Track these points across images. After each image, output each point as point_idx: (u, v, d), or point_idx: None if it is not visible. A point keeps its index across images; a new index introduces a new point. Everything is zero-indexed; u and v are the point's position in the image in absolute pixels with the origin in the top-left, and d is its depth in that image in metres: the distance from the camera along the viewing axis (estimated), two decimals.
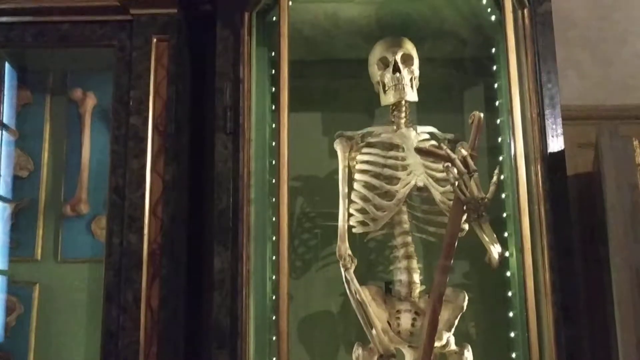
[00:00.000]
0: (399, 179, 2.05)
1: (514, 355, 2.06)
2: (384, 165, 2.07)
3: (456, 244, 1.91)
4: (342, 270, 2.01)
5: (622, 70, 2.69)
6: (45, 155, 2.52)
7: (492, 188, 1.90)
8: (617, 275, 1.83)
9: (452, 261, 1.89)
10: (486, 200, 1.87)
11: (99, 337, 2.08)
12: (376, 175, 2.07)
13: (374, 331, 1.96)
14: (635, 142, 1.85)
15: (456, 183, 1.89)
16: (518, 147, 2.01)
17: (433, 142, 2.12)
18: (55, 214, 2.47)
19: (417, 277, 2.06)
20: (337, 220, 2.08)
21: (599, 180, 2.15)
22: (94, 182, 2.46)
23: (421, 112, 2.28)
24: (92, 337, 2.30)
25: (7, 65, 2.50)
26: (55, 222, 2.47)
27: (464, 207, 1.90)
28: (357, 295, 1.98)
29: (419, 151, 1.94)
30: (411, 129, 2.14)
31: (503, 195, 2.14)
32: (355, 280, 1.98)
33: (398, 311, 2.04)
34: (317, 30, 2.30)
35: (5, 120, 2.48)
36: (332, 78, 2.47)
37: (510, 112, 1.97)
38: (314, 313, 2.35)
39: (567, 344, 1.92)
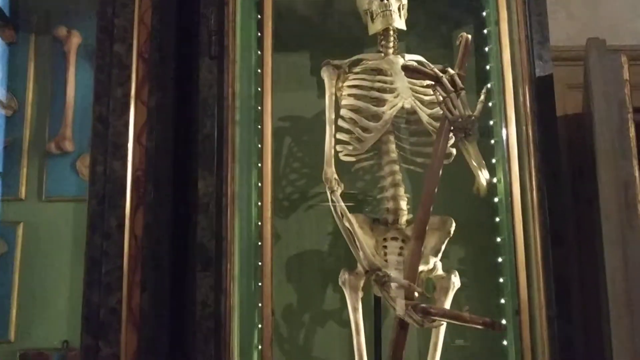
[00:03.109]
0: (386, 100, 2.02)
1: (501, 280, 2.05)
2: (371, 88, 2.05)
3: (442, 165, 1.90)
4: (329, 193, 1.99)
5: (611, 11, 2.68)
6: (30, 94, 2.48)
7: (479, 106, 1.88)
8: (604, 191, 1.81)
9: (439, 180, 1.87)
10: (473, 117, 1.86)
11: (83, 273, 2.05)
12: (363, 98, 2.05)
13: (361, 254, 1.94)
14: (624, 58, 1.83)
15: (443, 102, 1.87)
16: (506, 68, 2.00)
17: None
18: (39, 153, 2.44)
19: (404, 205, 2.04)
20: (324, 159, 2.05)
21: (589, 121, 2.14)
22: (79, 120, 2.43)
23: (409, 43, 2.26)
24: (76, 275, 2.26)
25: None
26: (40, 160, 2.43)
27: (451, 127, 1.88)
28: (344, 219, 1.96)
29: (406, 69, 1.92)
30: (399, 56, 2.12)
31: (491, 122, 2.13)
32: (341, 202, 1.96)
33: (385, 239, 2.03)
34: None
35: None
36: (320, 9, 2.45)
37: (498, 31, 1.95)
38: (301, 251, 2.32)
39: (555, 265, 1.90)
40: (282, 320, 2.18)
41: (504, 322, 2.00)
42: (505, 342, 2.01)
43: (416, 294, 1.75)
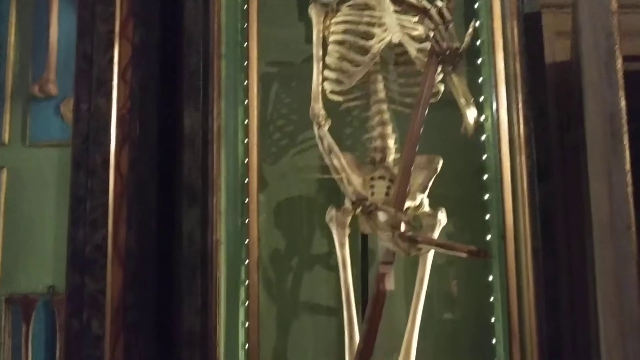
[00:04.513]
0: (374, 34, 2.00)
1: (487, 216, 2.05)
2: (359, 23, 2.03)
3: (430, 100, 1.89)
4: (316, 128, 1.98)
5: None
6: (12, 37, 2.44)
7: (467, 39, 1.86)
8: (591, 122, 1.81)
9: (426, 112, 1.86)
10: (460, 49, 1.84)
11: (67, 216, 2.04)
12: (351, 32, 2.03)
13: (348, 188, 1.93)
14: None
15: (432, 34, 1.85)
16: (494, 5, 1.99)
17: None
18: (23, 97, 2.40)
19: (391, 143, 2.03)
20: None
21: (577, 68, 2.13)
22: (63, 63, 2.38)
23: None
24: (61, 220, 2.24)
25: None
26: (24, 105, 2.39)
27: (439, 59, 1.87)
28: (332, 154, 1.95)
29: (394, 0, 1.90)
30: None
31: (479, 61, 2.12)
32: (328, 136, 1.95)
33: (372, 178, 2.01)
34: None
35: None
36: None
37: None
38: (288, 190, 2.30)
39: (540, 200, 1.91)
40: (269, 258, 2.17)
41: None
42: (490, 278, 2.03)
43: (402, 223, 1.74)
